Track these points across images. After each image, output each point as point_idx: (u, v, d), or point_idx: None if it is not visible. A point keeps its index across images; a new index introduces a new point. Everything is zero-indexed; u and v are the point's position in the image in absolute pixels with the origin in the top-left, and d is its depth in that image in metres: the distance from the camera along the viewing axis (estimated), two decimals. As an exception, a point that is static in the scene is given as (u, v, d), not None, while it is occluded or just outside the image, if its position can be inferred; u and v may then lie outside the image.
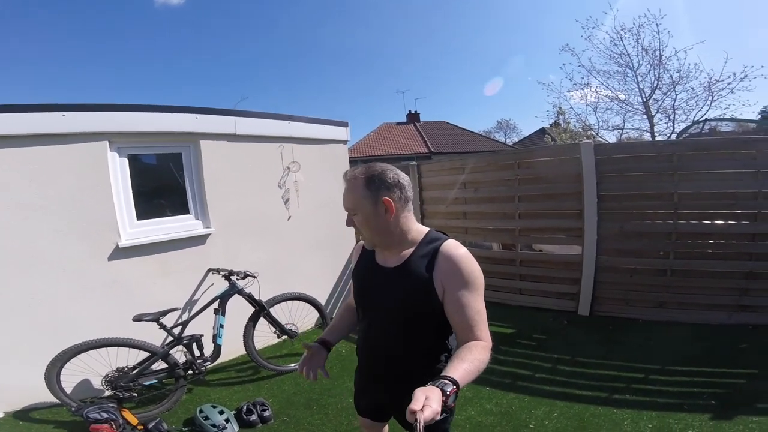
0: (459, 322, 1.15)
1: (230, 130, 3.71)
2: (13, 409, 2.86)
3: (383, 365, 1.34)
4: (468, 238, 5.06)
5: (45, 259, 2.88)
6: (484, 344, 1.11)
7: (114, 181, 3.15)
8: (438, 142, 20.96)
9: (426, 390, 0.86)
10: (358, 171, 1.22)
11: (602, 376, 2.96)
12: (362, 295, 1.37)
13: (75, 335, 2.74)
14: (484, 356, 1.08)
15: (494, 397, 2.80)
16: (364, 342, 1.42)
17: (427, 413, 0.79)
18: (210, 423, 2.60)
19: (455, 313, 1.15)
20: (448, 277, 1.16)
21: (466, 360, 1.03)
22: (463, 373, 0.98)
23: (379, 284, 1.28)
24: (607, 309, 4.05)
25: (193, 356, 3.09)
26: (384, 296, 1.27)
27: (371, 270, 1.32)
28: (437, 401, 0.84)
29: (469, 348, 1.08)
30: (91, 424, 2.48)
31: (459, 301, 1.14)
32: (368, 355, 1.42)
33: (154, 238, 3.33)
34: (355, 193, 1.20)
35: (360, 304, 1.38)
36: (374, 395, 1.43)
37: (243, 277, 3.31)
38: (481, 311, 1.16)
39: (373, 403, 1.46)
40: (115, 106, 3.11)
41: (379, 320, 1.31)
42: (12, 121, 2.73)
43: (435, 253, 1.20)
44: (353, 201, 1.22)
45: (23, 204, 2.81)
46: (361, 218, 1.22)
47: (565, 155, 4.35)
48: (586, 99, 12.65)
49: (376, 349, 1.36)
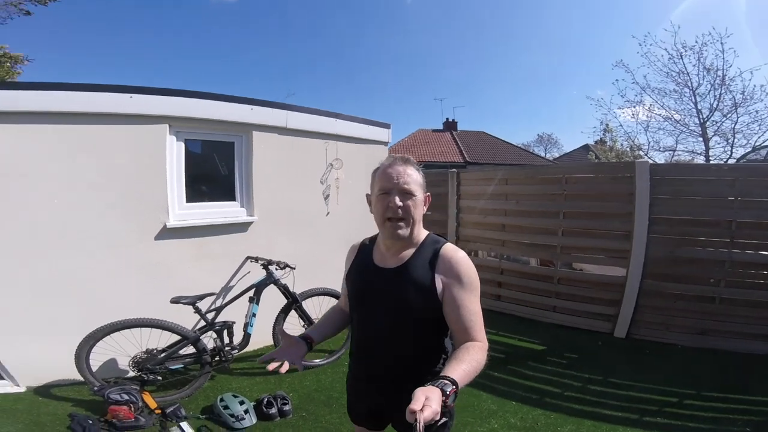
0: (456, 323, 1.15)
1: (281, 123, 3.80)
2: (36, 384, 2.93)
3: (382, 367, 1.29)
4: (504, 251, 4.95)
5: (94, 235, 3.00)
6: (480, 345, 1.12)
7: (169, 163, 3.29)
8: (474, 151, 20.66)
9: (426, 390, 0.85)
10: (407, 157, 1.23)
11: (634, 398, 2.89)
12: (360, 296, 1.33)
13: (111, 313, 2.79)
14: (481, 357, 1.08)
15: (520, 412, 2.75)
16: (361, 344, 1.37)
17: (427, 413, 0.79)
18: (229, 412, 2.58)
19: (453, 313, 1.15)
20: (447, 278, 1.17)
21: (464, 361, 1.03)
22: (462, 373, 0.98)
23: (379, 286, 1.25)
24: (645, 333, 3.94)
25: (222, 343, 3.10)
26: (385, 298, 1.24)
27: (370, 272, 1.29)
28: (437, 401, 0.83)
29: (466, 349, 1.08)
30: (111, 405, 2.50)
31: (457, 302, 1.15)
32: (366, 358, 1.36)
33: (200, 221, 3.44)
34: (416, 175, 1.21)
35: (357, 306, 1.34)
36: (371, 399, 1.36)
37: (282, 267, 3.35)
38: (478, 313, 1.16)
39: (370, 408, 1.38)
40: (177, 92, 3.26)
41: (378, 322, 1.27)
42: (84, 99, 2.89)
43: (436, 254, 1.21)
44: (416, 182, 1.20)
45: (85, 179, 2.96)
46: (413, 204, 1.19)
47: (618, 173, 4.17)
48: (637, 117, 12.11)
49: (375, 350, 1.31)
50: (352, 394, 1.46)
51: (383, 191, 1.20)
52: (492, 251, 5.18)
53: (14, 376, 2.87)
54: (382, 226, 1.23)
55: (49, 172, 2.84)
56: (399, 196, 1.18)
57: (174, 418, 2.56)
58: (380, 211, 1.21)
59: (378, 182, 1.22)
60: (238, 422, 2.55)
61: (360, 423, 1.44)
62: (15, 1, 10.50)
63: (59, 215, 2.88)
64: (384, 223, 1.21)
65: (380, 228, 1.25)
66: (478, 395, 2.95)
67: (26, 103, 2.73)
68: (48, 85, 2.82)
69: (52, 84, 2.83)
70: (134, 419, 2.48)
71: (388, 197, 1.19)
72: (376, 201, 1.22)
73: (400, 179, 1.18)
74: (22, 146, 2.76)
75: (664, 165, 6.83)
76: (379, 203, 1.21)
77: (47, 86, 2.81)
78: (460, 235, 5.26)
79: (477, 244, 5.26)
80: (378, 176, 1.23)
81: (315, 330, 1.41)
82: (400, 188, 1.18)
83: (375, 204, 1.24)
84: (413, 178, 1.20)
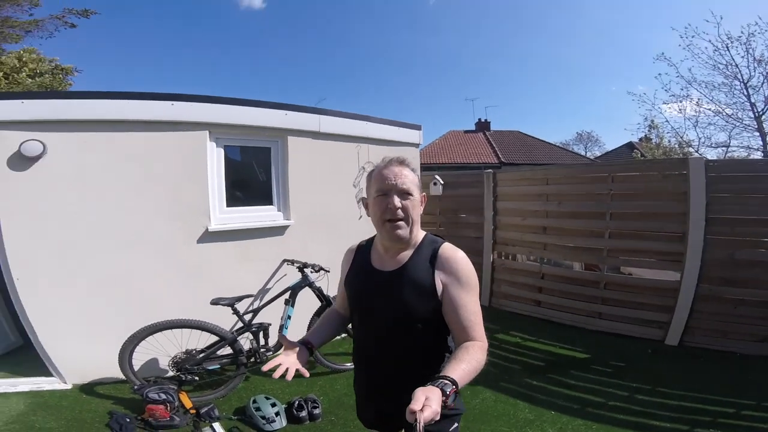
0: (456, 323, 1.15)
1: (314, 127, 3.85)
2: (81, 381, 3.09)
3: (385, 370, 1.29)
4: (546, 255, 4.74)
5: (142, 238, 3.16)
6: (480, 344, 1.12)
7: (210, 168, 3.41)
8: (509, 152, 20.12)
9: (426, 390, 0.86)
10: (403, 158, 1.25)
11: (685, 408, 2.73)
12: (359, 300, 1.32)
13: (154, 314, 2.90)
14: (481, 356, 1.08)
15: (558, 422, 2.63)
16: (363, 349, 1.36)
17: (426, 413, 0.79)
18: (260, 414, 2.61)
19: (453, 313, 1.15)
20: (447, 278, 1.17)
21: (464, 360, 1.03)
22: (462, 373, 0.99)
23: (378, 289, 1.25)
24: (700, 340, 3.68)
25: (257, 344, 3.15)
26: (384, 301, 1.23)
27: (368, 274, 1.29)
28: (437, 401, 0.83)
29: (466, 348, 1.08)
30: (149, 404, 2.58)
31: (457, 302, 1.15)
32: (369, 362, 1.36)
33: (240, 225, 3.54)
34: (412, 175, 1.21)
35: (356, 309, 1.34)
36: (378, 404, 1.36)
37: (317, 270, 3.38)
38: (477, 312, 1.16)
39: (378, 413, 1.37)
40: (216, 99, 3.38)
41: (379, 325, 1.27)
42: (128, 108, 3.06)
43: (434, 255, 1.21)
44: (413, 182, 1.21)
45: (131, 184, 3.12)
46: (412, 204, 1.20)
47: (670, 171, 3.90)
48: (685, 112, 11.37)
49: (377, 354, 1.31)
50: (359, 399, 1.46)
51: (381, 192, 1.20)
52: (532, 255, 4.98)
53: (62, 374, 3.04)
54: (380, 228, 1.23)
55: (101, 178, 3.02)
56: (397, 197, 1.18)
57: (207, 418, 2.62)
58: (378, 212, 1.21)
59: (375, 184, 1.23)
60: (268, 424, 2.58)
61: (371, 427, 1.44)
62: (60, 14, 11.35)
63: (110, 219, 3.05)
64: (383, 224, 1.20)
65: (379, 230, 1.25)
66: (514, 404, 2.84)
67: (79, 112, 2.93)
68: (97, 94, 3.02)
69: (101, 93, 3.03)
70: (169, 418, 2.56)
71: (386, 198, 1.18)
72: (374, 203, 1.23)
73: (398, 180, 1.18)
74: (77, 154, 2.95)
75: (722, 161, 6.27)
76: (377, 205, 1.21)
77: (97, 95, 3.01)
78: (497, 238, 5.09)
79: (515, 248, 5.06)
80: (374, 178, 1.23)
81: (313, 334, 1.38)
82: (398, 189, 1.18)
83: (372, 206, 1.24)
84: (410, 179, 1.20)
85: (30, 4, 10.69)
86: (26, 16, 10.92)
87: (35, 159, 2.81)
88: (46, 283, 2.91)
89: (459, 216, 5.51)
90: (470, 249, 5.26)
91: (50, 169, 2.87)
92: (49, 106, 2.88)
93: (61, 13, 11.21)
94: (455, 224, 5.51)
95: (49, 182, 2.87)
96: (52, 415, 2.67)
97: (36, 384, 3.04)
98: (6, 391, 2.95)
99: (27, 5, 10.67)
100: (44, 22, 11.16)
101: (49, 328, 2.95)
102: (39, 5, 10.92)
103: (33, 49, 11.27)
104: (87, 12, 11.56)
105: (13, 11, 10.62)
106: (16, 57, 10.71)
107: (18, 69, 10.44)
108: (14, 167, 2.78)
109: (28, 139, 2.77)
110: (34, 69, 10.82)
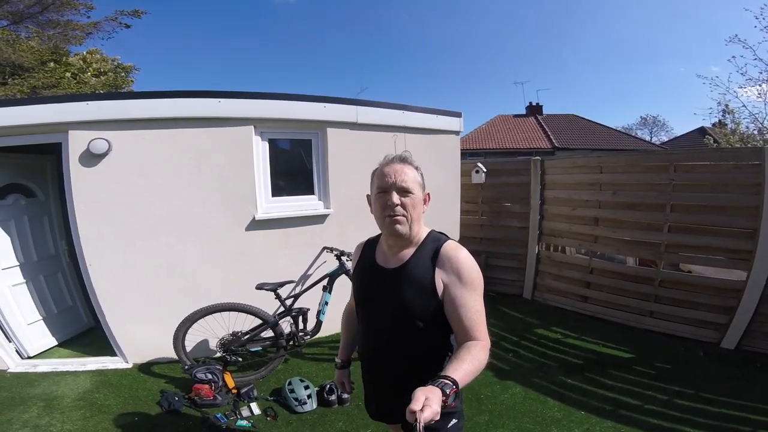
0: (458, 322, 1.15)
1: (352, 118, 3.91)
2: (140, 361, 3.42)
3: (386, 367, 1.31)
4: (596, 248, 4.47)
5: (195, 227, 3.43)
6: (482, 344, 1.11)
7: (256, 161, 3.61)
8: (564, 136, 18.93)
9: (426, 390, 0.86)
10: (405, 156, 1.25)
11: (728, 416, 2.56)
12: (363, 295, 1.36)
13: (205, 298, 3.17)
14: (482, 356, 1.07)
15: (586, 423, 2.54)
16: (365, 344, 1.39)
17: (426, 413, 0.79)
18: (294, 396, 2.77)
19: (454, 312, 1.15)
20: (448, 276, 1.17)
21: (465, 360, 1.02)
22: (463, 373, 0.98)
23: (381, 286, 1.27)
24: (760, 345, 3.36)
25: (297, 328, 3.33)
26: (386, 299, 1.25)
27: (372, 271, 1.31)
28: (437, 401, 0.83)
29: (468, 348, 1.08)
30: (196, 383, 2.81)
31: (458, 301, 1.14)
32: (371, 358, 1.39)
33: (283, 214, 3.73)
34: (413, 174, 1.22)
35: (361, 304, 1.37)
36: (381, 399, 1.40)
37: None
38: (480, 311, 1.15)
39: (383, 407, 1.42)
40: (260, 94, 3.54)
41: (381, 321, 1.29)
42: (179, 106, 3.30)
43: (436, 253, 1.21)
44: (414, 180, 1.21)
45: (184, 178, 3.38)
46: (412, 202, 1.20)
47: (741, 160, 3.49)
48: (765, 96, 9.98)
49: (378, 350, 1.33)
50: (366, 392, 1.52)
51: (381, 190, 1.22)
52: (581, 248, 4.72)
53: (125, 353, 3.40)
54: (382, 224, 1.25)
55: (159, 172, 3.31)
56: (397, 194, 1.19)
57: (246, 398, 2.83)
58: (379, 209, 1.23)
59: (376, 181, 1.25)
60: (300, 406, 2.74)
61: (377, 419, 1.50)
62: (113, 16, 12.02)
63: (167, 210, 3.35)
64: (384, 221, 1.23)
65: (381, 227, 1.27)
66: (544, 401, 2.78)
67: (137, 111, 3.22)
68: (151, 93, 3.30)
69: (155, 93, 3.30)
70: (213, 398, 2.78)
71: (386, 195, 1.21)
72: (375, 200, 1.25)
73: (398, 178, 1.20)
74: (138, 150, 3.25)
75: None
76: (378, 202, 1.23)
77: (151, 95, 3.29)
78: (544, 229, 4.87)
79: (563, 239, 4.80)
80: (376, 176, 1.26)
81: (344, 351, 1.60)
82: (397, 186, 1.20)
83: (374, 203, 1.27)
84: (411, 177, 1.21)
85: (85, 7, 11.45)
86: (84, 18, 11.71)
87: (102, 156, 3.13)
88: (112, 269, 3.26)
89: (503, 205, 5.31)
90: (514, 239, 5.18)
91: (115, 165, 3.18)
92: (110, 107, 3.18)
93: (113, 15, 11.92)
94: (498, 213, 5.33)
95: (115, 177, 3.19)
96: (112, 393, 2.95)
97: (102, 363, 3.39)
98: (77, 369, 3.31)
99: (83, 9, 11.43)
100: (102, 23, 11.93)
101: (115, 310, 3.31)
102: (93, 8, 11.68)
103: (97, 49, 12.25)
104: (138, 12, 12.23)
105: (72, 15, 11.41)
106: (81, 58, 11.70)
107: (84, 69, 11.38)
108: (85, 164, 3.12)
109: (95, 137, 3.08)
110: (98, 68, 11.75)
